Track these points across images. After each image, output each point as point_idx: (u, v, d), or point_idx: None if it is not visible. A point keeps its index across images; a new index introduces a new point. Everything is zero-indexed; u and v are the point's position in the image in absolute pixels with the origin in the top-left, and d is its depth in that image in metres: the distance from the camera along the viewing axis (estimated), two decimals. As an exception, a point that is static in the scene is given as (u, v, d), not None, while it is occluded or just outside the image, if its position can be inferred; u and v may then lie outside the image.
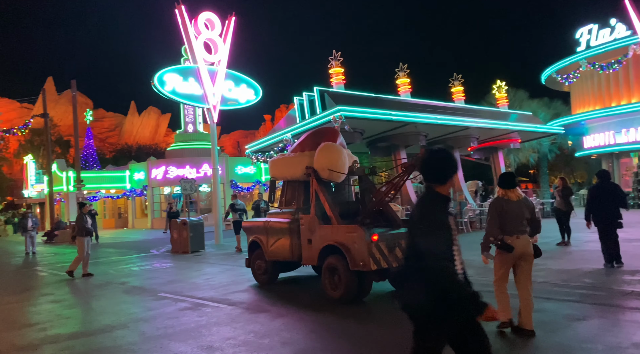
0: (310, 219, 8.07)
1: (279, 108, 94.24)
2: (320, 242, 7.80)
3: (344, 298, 7.34)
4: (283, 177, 9.11)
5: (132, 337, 6.18)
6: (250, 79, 20.19)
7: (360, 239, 7.03)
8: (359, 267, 7.05)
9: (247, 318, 6.85)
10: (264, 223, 9.10)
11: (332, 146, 8.35)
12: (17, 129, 24.73)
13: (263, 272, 9.30)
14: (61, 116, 64.67)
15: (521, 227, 5.36)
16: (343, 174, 8.32)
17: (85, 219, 12.26)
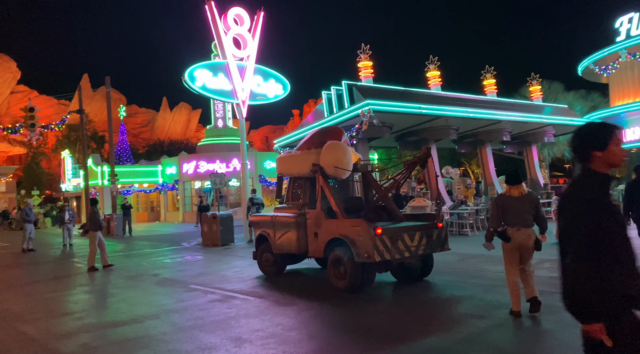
0: (316, 214, 8.44)
1: (307, 103, 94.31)
2: (326, 236, 8.16)
3: (348, 288, 7.69)
4: (290, 174, 9.40)
5: (163, 327, 6.31)
6: (278, 74, 20.24)
7: (365, 233, 7.37)
8: (363, 259, 7.39)
9: (275, 311, 6.90)
10: (271, 218, 9.45)
11: (338, 144, 8.76)
12: (54, 125, 25.51)
13: (271, 264, 9.63)
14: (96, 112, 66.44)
15: (523, 220, 5.84)
16: (348, 170, 8.72)
17: (99, 214, 12.66)
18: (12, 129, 24.11)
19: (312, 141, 9.26)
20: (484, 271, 8.99)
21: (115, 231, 24.17)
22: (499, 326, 5.72)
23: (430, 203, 14.92)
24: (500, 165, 31.22)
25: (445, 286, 7.97)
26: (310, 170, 8.73)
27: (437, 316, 6.18)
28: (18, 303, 8.38)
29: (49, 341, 5.91)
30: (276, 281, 9.22)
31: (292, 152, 9.65)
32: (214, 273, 10.65)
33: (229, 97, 18.96)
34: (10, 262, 15.05)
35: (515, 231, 5.82)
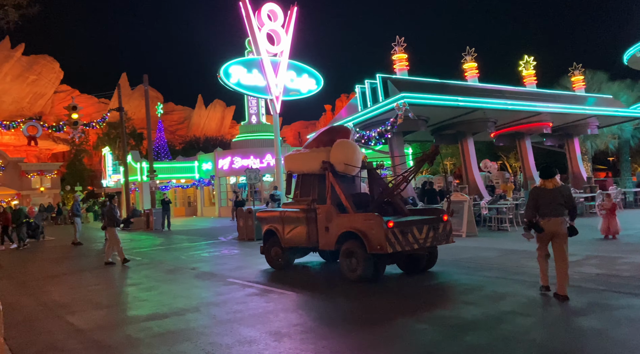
0: (327, 209, 8.83)
1: (339, 98, 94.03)
2: (338, 229, 8.56)
3: (360, 279, 8.07)
4: (300, 171, 9.73)
5: (203, 320, 6.40)
6: (312, 69, 20.19)
7: (378, 226, 7.79)
8: (376, 250, 7.80)
9: (313, 305, 6.89)
10: (280, 213, 9.85)
11: (348, 142, 9.23)
12: (95, 123, 26.31)
13: (280, 258, 10.00)
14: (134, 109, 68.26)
15: (554, 211, 6.43)
16: (357, 167, 9.18)
17: (116, 210, 12.67)
18: (56, 127, 25.04)
19: (321, 140, 9.62)
20: (526, 267, 8.72)
21: (154, 226, 24.80)
22: (545, 324, 5.52)
23: (468, 198, 14.59)
24: (540, 158, 30.23)
25: (488, 283, 7.75)
26: (321, 167, 9.09)
27: (481, 313, 6.01)
28: (65, 295, 8.69)
29: (94, 333, 6.09)
30: (313, 276, 9.21)
31: (300, 151, 9.99)
32: (251, 267, 10.75)
33: (263, 93, 19.07)
34: (56, 255, 15.65)
35: (546, 221, 6.47)
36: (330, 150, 9.13)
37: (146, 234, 22.48)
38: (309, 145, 9.85)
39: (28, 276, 11.24)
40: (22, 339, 5.88)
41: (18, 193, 48.08)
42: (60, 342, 5.77)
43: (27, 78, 69.74)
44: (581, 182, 22.49)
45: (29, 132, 24.35)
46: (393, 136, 16.98)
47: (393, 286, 8.00)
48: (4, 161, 48.40)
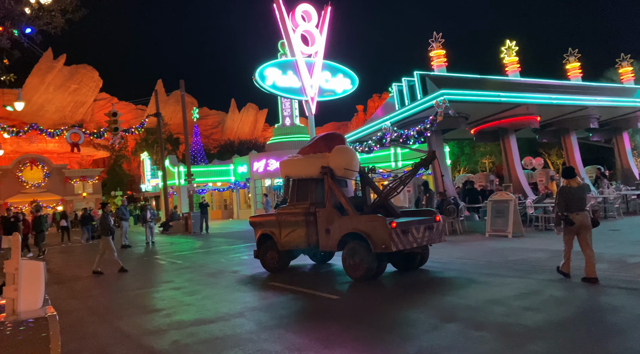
0: (328, 212, 9.19)
1: (371, 98, 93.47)
2: (340, 231, 8.93)
3: (364, 277, 8.51)
4: (298, 176, 9.95)
5: (249, 326, 6.26)
6: (346, 69, 20.00)
7: (382, 227, 8.22)
8: (381, 249, 8.23)
9: (361, 311, 6.64)
10: (277, 217, 10.04)
11: (347, 148, 9.83)
12: (134, 129, 26.91)
13: (276, 261, 10.25)
14: (170, 115, 69.91)
15: (580, 206, 7.45)
16: (356, 172, 9.70)
17: (109, 219, 12.11)
18: (97, 134, 25.72)
19: (317, 146, 10.03)
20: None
21: (192, 229, 25.10)
22: (618, 329, 5.09)
23: (514, 197, 14.01)
24: (586, 154, 28.98)
25: (544, 287, 7.32)
26: (320, 172, 9.46)
27: (543, 319, 5.63)
28: (111, 299, 8.76)
29: (142, 338, 6.04)
30: (343, 277, 8.96)
31: (295, 157, 10.33)
32: (291, 270, 10.59)
33: (298, 94, 19.01)
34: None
35: (575, 215, 7.42)
36: (328, 155, 9.57)
37: (185, 238, 22.75)
38: (304, 151, 10.24)
39: (75, 280, 11.44)
40: (73, 345, 5.89)
41: (62, 198, 49.83)
42: (110, 347, 5.74)
43: (68, 87, 72.41)
44: (632, 179, 21.35)
45: (72, 139, 25.10)
46: (432, 134, 16.54)
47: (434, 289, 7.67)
48: (49, 167, 50.28)
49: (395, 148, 31.20)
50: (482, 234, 14.48)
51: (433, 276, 8.73)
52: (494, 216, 14.14)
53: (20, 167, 48.90)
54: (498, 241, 12.98)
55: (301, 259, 11.30)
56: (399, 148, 31.37)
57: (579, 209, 7.40)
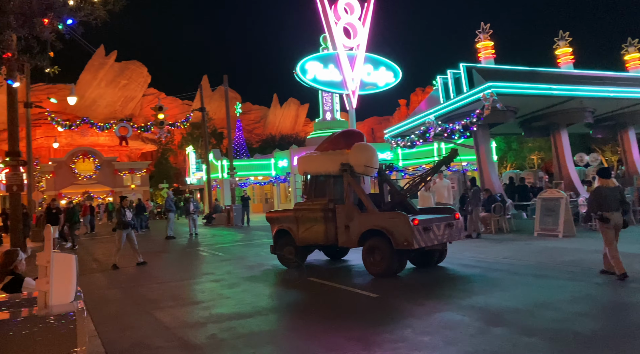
0: (348, 208, 9.23)
1: (414, 92, 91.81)
2: (360, 228, 8.96)
3: (384, 273, 8.55)
4: (316, 172, 9.99)
5: (286, 322, 6.18)
6: (389, 61, 19.60)
7: (404, 224, 8.29)
8: (403, 246, 8.30)
9: (400, 310, 6.42)
10: (295, 213, 10.10)
11: (367, 145, 9.80)
12: (180, 123, 27.56)
13: (293, 256, 10.27)
14: (215, 110, 71.23)
15: (616, 206, 7.60)
16: (376, 169, 9.72)
17: (124, 213, 12.09)
18: (144, 128, 26.50)
19: (336, 143, 10.09)
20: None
21: (234, 221, 25.46)
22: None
23: (565, 195, 13.29)
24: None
25: (603, 292, 6.82)
26: (340, 169, 9.50)
27: (601, 328, 5.23)
28: (152, 290, 8.91)
29: (180, 331, 6.06)
30: (392, 278, 8.71)
31: (313, 153, 10.42)
32: (331, 266, 10.45)
33: (339, 88, 18.80)
34: (149, 249, 16.39)
35: (610, 215, 7.55)
36: (348, 152, 9.64)
37: (227, 230, 23.09)
38: (323, 148, 10.28)
39: (119, 270, 11.75)
40: (113, 335, 5.98)
41: (112, 190, 51.85)
42: (148, 339, 5.78)
43: (119, 83, 75.15)
44: None
45: (121, 133, 25.96)
46: (478, 129, 15.93)
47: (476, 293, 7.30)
48: (100, 160, 52.43)
49: (439, 143, 30.47)
50: (530, 233, 13.85)
51: (477, 276, 8.36)
52: (544, 214, 13.47)
53: (73, 160, 51.23)
54: (548, 240, 12.36)
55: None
56: (442, 143, 30.62)
57: (616, 208, 7.59)
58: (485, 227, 14.69)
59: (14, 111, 11.88)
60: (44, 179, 48.90)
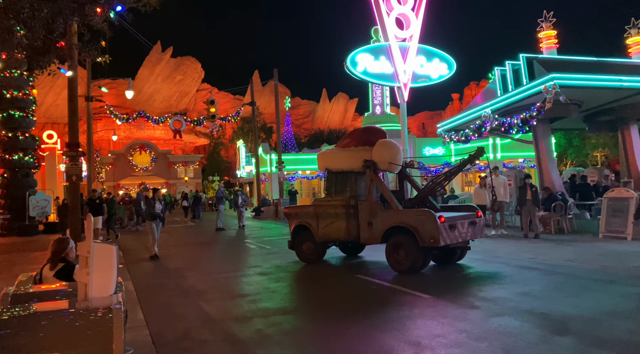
0: (372, 204, 9.22)
1: (468, 86, 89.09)
2: (384, 224, 8.94)
3: (409, 270, 8.53)
4: (338, 169, 9.96)
5: (334, 320, 5.95)
6: (443, 53, 18.91)
7: (431, 221, 8.29)
8: (429, 243, 8.30)
9: (454, 313, 6.05)
10: (314, 209, 10.09)
11: (391, 142, 9.74)
12: (231, 117, 28.02)
13: (312, 252, 10.29)
14: (265, 105, 72.12)
15: None
16: (400, 166, 9.79)
17: (153, 204, 12.10)
18: (197, 121, 27.13)
19: (359, 139, 10.05)
20: None
21: (282, 215, 25.58)
22: None
23: (636, 194, 12.29)
24: None
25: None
26: (363, 165, 9.47)
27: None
28: (201, 281, 8.97)
29: (226, 324, 6.00)
30: (447, 277, 8.31)
31: (334, 150, 10.46)
32: (379, 262, 10.14)
33: (390, 80, 18.35)
34: (200, 240, 16.74)
35: None
36: (371, 149, 9.58)
37: (275, 223, 23.23)
38: (344, 144, 10.28)
39: (171, 260, 11.99)
40: (161, 325, 6.00)
41: (167, 182, 53.71)
42: (195, 331, 5.75)
43: (174, 78, 77.66)
44: None
45: (175, 126, 26.70)
46: (538, 123, 15.02)
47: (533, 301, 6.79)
48: (156, 153, 54.39)
49: (494, 138, 29.26)
50: (594, 234, 12.94)
51: (537, 279, 7.81)
52: (610, 215, 12.53)
53: (131, 152, 53.44)
54: (614, 243, 11.48)
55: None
56: (498, 138, 29.38)
57: None
58: (544, 227, 13.88)
59: (74, 103, 12.36)
60: (104, 170, 51.34)
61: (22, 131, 21.09)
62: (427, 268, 9.20)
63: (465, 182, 35.16)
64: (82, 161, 12.95)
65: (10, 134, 20.74)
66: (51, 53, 6.01)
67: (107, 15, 6.55)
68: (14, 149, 20.81)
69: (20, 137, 20.92)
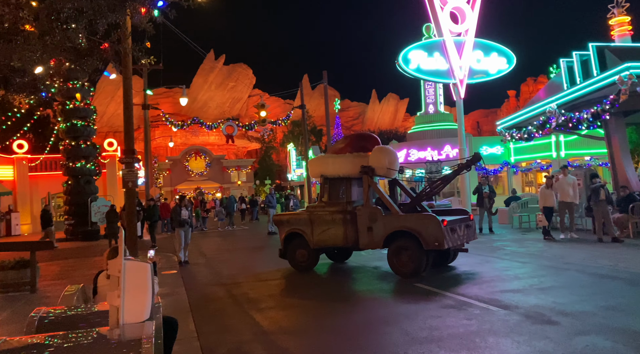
0: (371, 210, 9.22)
1: (525, 82, 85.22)
2: (386, 229, 8.98)
3: (413, 273, 8.61)
4: (335, 175, 9.86)
5: (395, 335, 5.48)
6: (502, 46, 17.90)
7: (435, 225, 8.45)
8: (433, 247, 8.45)
9: (531, 330, 5.41)
10: (309, 215, 9.88)
11: (388, 148, 10.04)
12: (281, 120, 28.02)
13: (305, 259, 10.10)
14: (314, 108, 72.29)
15: None
16: (397, 171, 10.00)
17: (179, 211, 11.97)
18: (248, 126, 27.36)
19: (352, 145, 10.13)
20: None
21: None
22: None
23: None
24: None
25: None
26: (360, 171, 9.46)
27: None
28: (253, 288, 8.72)
29: (279, 337, 5.66)
30: (523, 289, 7.56)
31: (327, 156, 10.48)
32: (439, 271, 9.51)
33: (444, 77, 17.58)
34: (252, 245, 16.66)
35: None
36: (366, 155, 9.69)
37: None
38: (338, 150, 10.26)
39: (225, 265, 11.88)
40: (211, 338, 5.75)
41: (220, 186, 54.84)
42: (247, 345, 5.45)
43: (227, 85, 79.49)
44: None
45: (227, 131, 27.05)
46: (611, 117, 13.78)
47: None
48: (210, 158, 55.69)
49: (557, 136, 27.49)
50: (681, 239, 11.65)
51: (620, 290, 6.95)
52: (701, 217, 11.22)
53: (187, 158, 54.98)
54: None
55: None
56: (561, 136, 27.58)
57: None
58: (621, 231, 12.67)
59: (129, 110, 12.55)
60: (162, 176, 53.11)
61: (84, 140, 21.96)
62: (490, 278, 8.50)
63: (526, 183, 33.33)
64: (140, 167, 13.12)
65: (73, 143, 21.64)
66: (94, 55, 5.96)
67: (151, 14, 6.46)
68: (76, 157, 21.69)
69: (82, 146, 21.78)
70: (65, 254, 15.51)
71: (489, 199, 15.70)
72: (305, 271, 10.09)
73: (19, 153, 27.20)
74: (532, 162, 29.68)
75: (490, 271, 9.16)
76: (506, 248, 12.05)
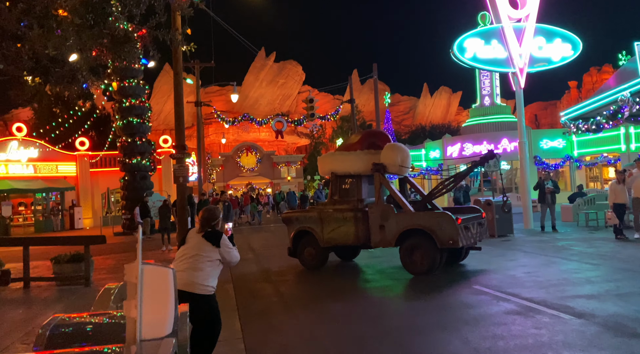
0: (383, 208, 9.10)
1: (587, 72, 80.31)
2: (399, 227, 8.83)
3: (426, 272, 8.53)
4: (345, 172, 9.72)
5: (454, 344, 4.99)
6: (566, 32, 16.64)
7: (449, 223, 8.36)
8: (448, 245, 8.39)
9: (612, 344, 4.76)
10: (318, 213, 9.72)
11: (400, 146, 9.83)
12: (330, 115, 27.76)
13: (314, 258, 9.91)
14: (364, 102, 71.50)
15: None
16: (409, 168, 9.74)
17: (222, 208, 11.91)
18: (297, 122, 27.28)
19: (363, 142, 9.95)
20: None
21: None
22: None
23: None
24: None
25: None
26: (372, 169, 9.34)
27: None
28: (299, 284, 8.48)
29: (325, 341, 5.32)
30: (597, 294, 6.79)
31: (336, 153, 10.47)
32: (499, 272, 8.85)
33: (503, 66, 16.57)
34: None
35: None
36: (378, 152, 9.54)
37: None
38: (348, 148, 10.16)
39: (273, 261, 11.68)
40: (256, 339, 5.49)
41: (271, 182, 55.45)
42: (293, 349, 5.15)
43: (277, 82, 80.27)
44: None
45: (277, 127, 27.10)
46: (695, 106, 12.47)
47: None
48: (261, 154, 56.41)
49: (627, 127, 25.48)
50: None
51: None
52: None
53: (238, 154, 55.97)
54: None
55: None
56: (632, 127, 25.53)
57: None
58: None
59: (180, 107, 12.64)
60: (215, 171, 54.34)
61: (139, 136, 22.61)
62: (558, 281, 7.76)
63: (591, 178, 31.21)
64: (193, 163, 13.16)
65: (129, 140, 22.34)
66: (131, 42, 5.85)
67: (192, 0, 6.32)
68: (132, 154, 22.37)
69: (138, 142, 22.43)
70: (122, 248, 15.96)
71: (552, 195, 14.65)
72: (315, 269, 9.91)
73: (81, 150, 28.46)
74: (598, 156, 27.70)
75: (557, 273, 8.40)
76: (573, 248, 11.12)
